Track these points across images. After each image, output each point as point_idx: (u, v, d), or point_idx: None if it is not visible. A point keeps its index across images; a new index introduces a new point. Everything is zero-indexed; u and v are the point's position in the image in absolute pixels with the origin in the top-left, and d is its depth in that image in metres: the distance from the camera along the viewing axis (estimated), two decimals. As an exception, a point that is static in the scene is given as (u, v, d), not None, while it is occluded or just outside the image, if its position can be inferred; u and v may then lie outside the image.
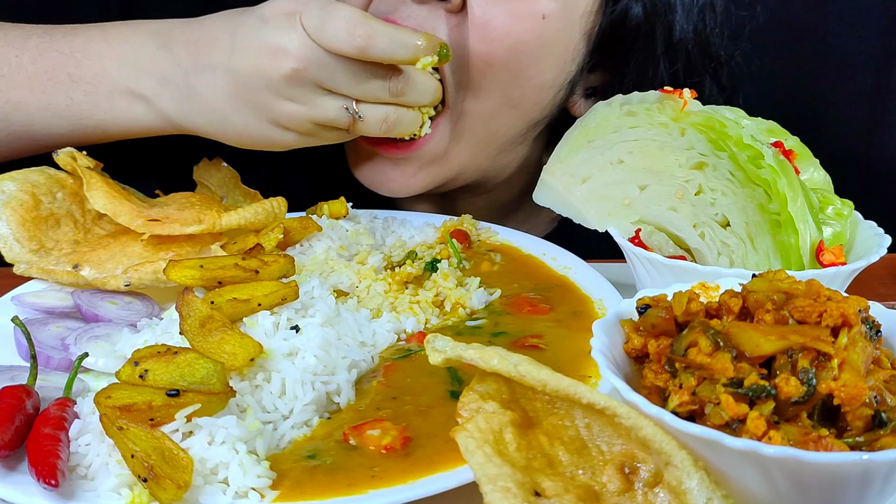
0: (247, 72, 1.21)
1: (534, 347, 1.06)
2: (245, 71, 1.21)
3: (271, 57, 1.19)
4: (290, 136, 1.26)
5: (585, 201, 1.21)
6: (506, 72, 1.32)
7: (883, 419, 0.72)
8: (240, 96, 1.22)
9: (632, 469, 0.75)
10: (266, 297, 1.00)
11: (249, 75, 1.21)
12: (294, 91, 1.20)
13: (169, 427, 0.85)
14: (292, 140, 1.26)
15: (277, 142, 1.27)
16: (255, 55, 1.20)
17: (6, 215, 1.19)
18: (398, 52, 1.21)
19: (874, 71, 1.80)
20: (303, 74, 1.19)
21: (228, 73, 1.22)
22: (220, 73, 1.22)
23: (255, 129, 1.25)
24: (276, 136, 1.26)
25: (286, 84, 1.20)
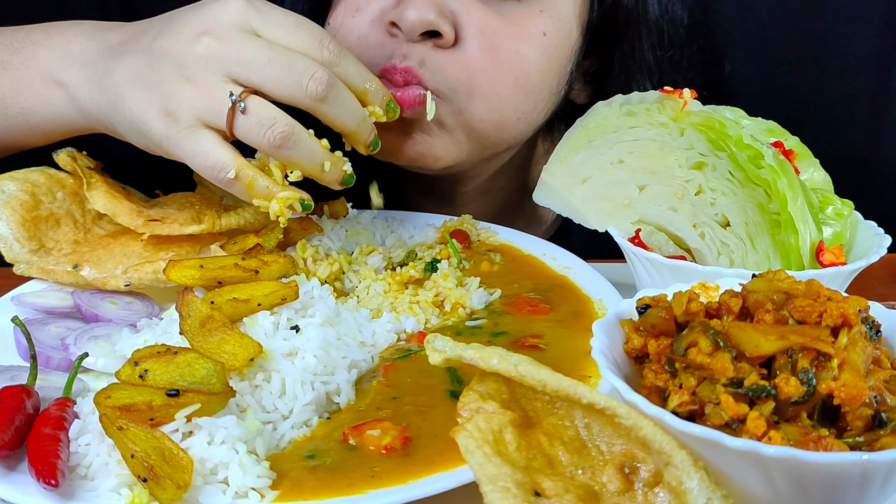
0: (161, 50, 1.10)
1: (534, 347, 1.06)
2: (160, 49, 1.10)
3: (191, 35, 1.09)
4: (163, 127, 1.08)
5: (585, 201, 1.21)
6: (518, 90, 1.34)
7: (883, 419, 0.72)
8: (143, 75, 1.10)
9: (632, 469, 0.75)
10: (266, 297, 1.00)
11: (162, 52, 1.10)
12: (198, 72, 1.07)
13: (169, 427, 0.85)
14: (162, 132, 1.08)
15: (151, 132, 1.09)
16: (178, 34, 1.10)
17: (6, 215, 1.19)
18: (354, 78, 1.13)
19: (874, 71, 1.80)
20: (214, 53, 1.07)
21: (145, 54, 1.11)
22: (138, 55, 1.12)
23: (139, 112, 1.10)
24: (151, 124, 1.09)
25: (194, 61, 1.07)
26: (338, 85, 1.10)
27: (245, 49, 1.07)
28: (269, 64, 1.06)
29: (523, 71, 1.33)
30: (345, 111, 1.11)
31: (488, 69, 1.30)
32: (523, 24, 1.32)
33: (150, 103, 1.09)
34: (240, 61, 1.07)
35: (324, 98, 1.08)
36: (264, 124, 1.06)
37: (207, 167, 1.07)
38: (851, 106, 1.83)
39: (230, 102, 1.05)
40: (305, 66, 1.07)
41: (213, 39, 1.08)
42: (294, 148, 1.08)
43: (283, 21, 1.10)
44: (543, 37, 1.34)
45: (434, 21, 1.25)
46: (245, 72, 1.07)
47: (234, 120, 1.06)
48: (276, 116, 1.07)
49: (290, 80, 1.06)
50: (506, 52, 1.31)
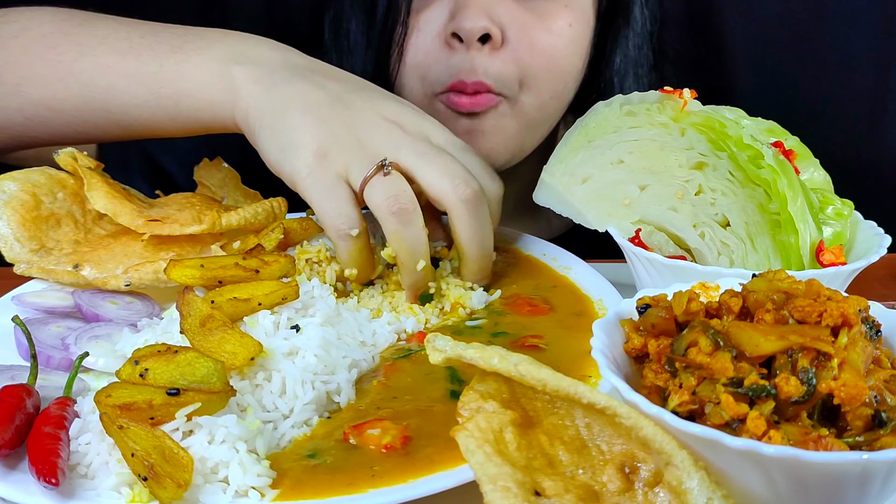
0: (350, 103, 1.17)
1: (534, 347, 1.06)
2: (349, 102, 1.17)
3: (387, 117, 1.17)
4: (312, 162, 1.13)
5: (585, 201, 1.21)
6: (552, 75, 1.51)
7: (883, 419, 0.72)
8: (318, 108, 1.16)
9: (632, 469, 0.75)
10: (266, 297, 1.00)
11: (349, 105, 1.17)
12: (374, 140, 1.14)
13: (169, 426, 0.85)
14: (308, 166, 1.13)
15: (297, 160, 1.14)
16: (374, 105, 1.18)
17: (7, 215, 1.19)
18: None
19: (874, 71, 1.80)
20: (399, 140, 1.14)
21: (330, 95, 1.18)
22: (324, 90, 1.18)
23: (297, 134, 1.15)
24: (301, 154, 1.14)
25: (377, 132, 1.15)
26: (486, 203, 1.17)
27: (424, 146, 1.15)
28: (435, 156, 1.14)
29: (555, 60, 1.51)
30: (479, 230, 1.16)
31: (530, 62, 1.48)
32: (552, 20, 1.49)
33: (312, 135, 1.14)
34: (412, 150, 1.14)
35: (467, 203, 1.14)
36: (393, 193, 1.11)
37: (336, 216, 1.12)
38: (851, 106, 1.83)
39: (378, 164, 1.12)
40: (466, 173, 1.15)
41: (400, 130, 1.16)
42: (406, 226, 1.12)
43: (461, 144, 1.21)
44: (569, 28, 1.51)
45: (487, 26, 1.42)
46: (412, 160, 1.14)
47: (371, 178, 1.12)
48: (407, 192, 1.12)
49: (447, 177, 1.13)
50: (541, 46, 1.48)
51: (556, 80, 1.54)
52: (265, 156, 1.19)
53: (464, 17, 1.43)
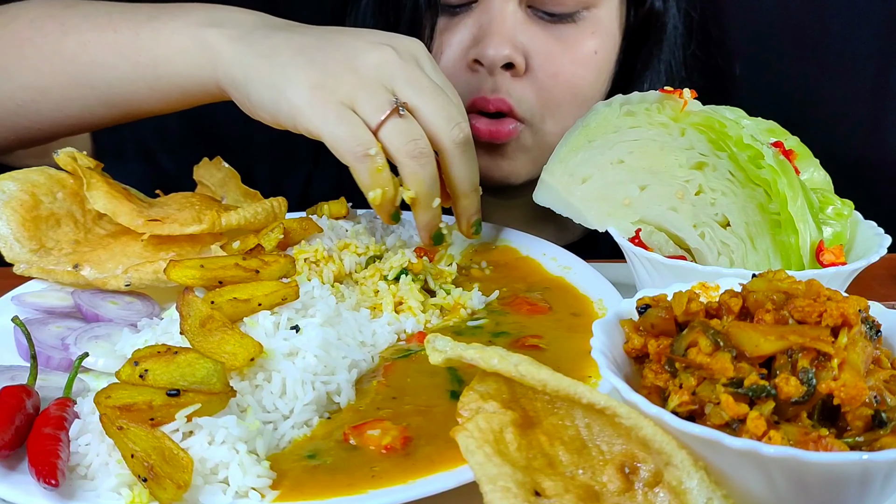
0: (337, 41, 1.16)
1: (534, 347, 1.06)
2: (336, 40, 1.16)
3: (377, 43, 1.16)
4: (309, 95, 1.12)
5: (585, 201, 1.21)
6: (576, 103, 1.50)
7: (883, 419, 0.72)
8: (308, 50, 1.15)
9: (632, 469, 0.75)
10: (266, 297, 1.00)
11: (337, 44, 1.16)
12: (368, 69, 1.14)
13: (169, 427, 0.85)
14: (306, 97, 1.12)
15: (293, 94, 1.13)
16: (360, 37, 1.17)
17: (6, 215, 1.19)
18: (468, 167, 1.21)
19: (874, 71, 1.80)
20: (394, 64, 1.14)
21: (316, 37, 1.17)
22: (308, 35, 1.18)
23: (288, 72, 1.13)
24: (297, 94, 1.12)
25: (370, 60, 1.14)
26: (472, 146, 1.21)
27: (419, 76, 1.16)
28: (433, 96, 1.15)
29: (580, 88, 1.51)
30: (469, 168, 1.21)
31: (552, 90, 1.48)
32: (577, 47, 1.48)
33: (304, 72, 1.13)
34: (409, 81, 1.14)
35: (459, 145, 1.18)
36: (413, 136, 1.14)
37: (350, 138, 1.12)
38: (851, 106, 1.83)
39: (394, 104, 1.13)
40: (459, 115, 1.18)
41: (394, 53, 1.15)
42: (424, 167, 1.15)
43: (443, 78, 1.21)
44: (594, 55, 1.50)
45: (510, 55, 1.42)
46: (409, 91, 1.15)
47: (387, 119, 1.13)
48: (423, 136, 1.15)
49: (443, 117, 1.16)
50: (565, 75, 1.48)
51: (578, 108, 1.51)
52: (257, 106, 1.17)
53: (487, 45, 1.43)
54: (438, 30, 1.49)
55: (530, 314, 1.14)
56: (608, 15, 1.51)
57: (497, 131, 1.47)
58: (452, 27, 1.49)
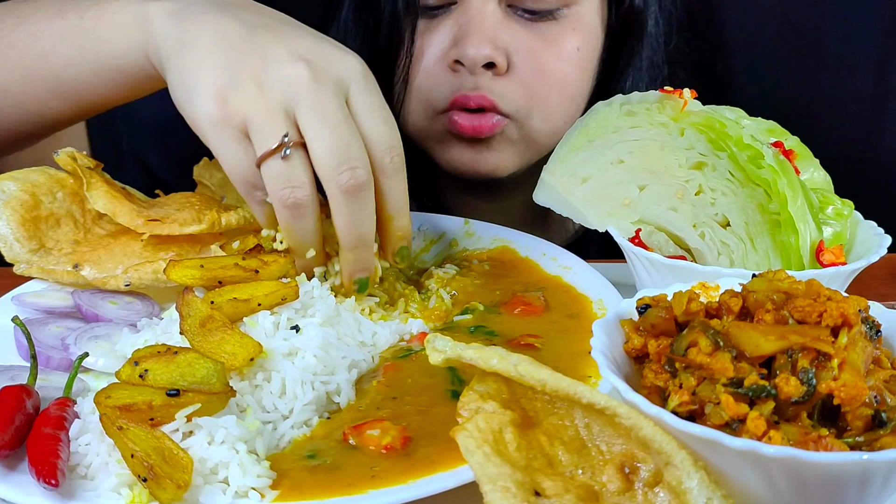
0: (262, 40, 1.06)
1: (529, 346, 1.05)
2: (262, 39, 1.06)
3: (298, 54, 1.05)
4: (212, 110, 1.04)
5: (585, 201, 1.21)
6: (562, 99, 1.51)
7: (883, 419, 0.72)
8: (228, 43, 1.06)
9: (632, 469, 0.75)
10: (266, 297, 1.00)
11: (260, 44, 1.05)
12: (273, 84, 1.03)
13: (169, 427, 0.85)
14: (208, 113, 1.04)
15: (198, 105, 1.05)
16: (287, 41, 1.06)
17: (6, 215, 1.19)
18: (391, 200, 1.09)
19: (874, 71, 1.80)
20: (301, 84, 1.03)
21: (247, 29, 1.07)
22: (240, 25, 1.08)
23: (199, 74, 1.06)
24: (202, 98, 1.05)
25: (280, 75, 1.03)
26: (367, 194, 1.05)
27: (325, 102, 1.03)
28: (331, 129, 1.02)
29: (565, 84, 1.50)
30: (354, 221, 1.06)
31: (538, 88, 1.48)
32: (560, 44, 1.48)
33: (215, 76, 1.05)
34: (312, 107, 1.03)
35: (346, 192, 1.04)
36: (291, 182, 1.03)
37: (238, 170, 1.06)
38: (851, 106, 1.83)
39: (279, 141, 1.02)
40: (357, 156, 1.04)
41: (308, 72, 1.03)
42: (298, 219, 1.06)
43: (375, 107, 1.07)
44: (577, 52, 1.50)
45: (491, 54, 1.42)
46: (308, 119, 1.03)
47: (268, 157, 1.03)
48: (305, 184, 1.04)
49: (336, 156, 1.03)
50: (549, 71, 1.48)
51: (567, 104, 1.53)
52: (172, 95, 1.11)
53: (466, 45, 1.43)
54: (419, 32, 1.49)
55: (525, 315, 1.14)
56: (588, 12, 1.51)
57: (480, 126, 1.47)
58: (432, 28, 1.49)
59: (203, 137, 1.08)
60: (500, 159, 1.53)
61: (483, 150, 1.52)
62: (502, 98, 1.46)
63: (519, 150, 1.54)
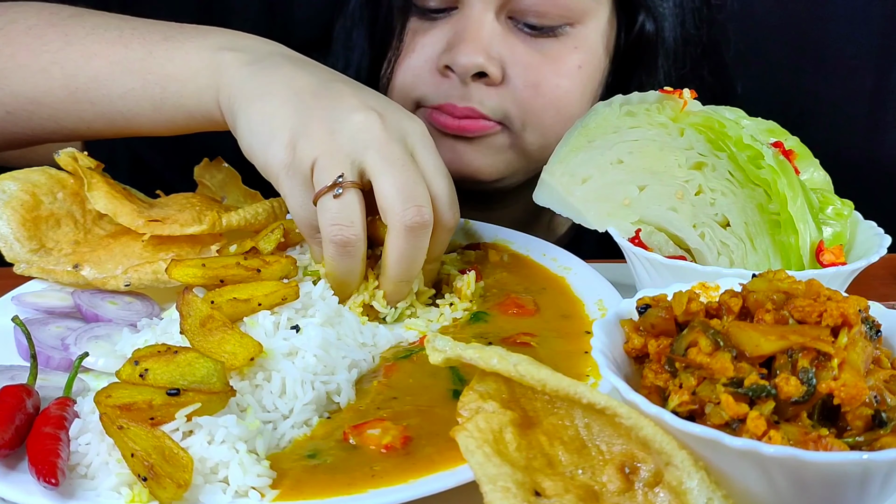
0: (335, 92, 1.10)
1: (525, 345, 1.05)
2: (334, 91, 1.10)
3: (369, 107, 1.09)
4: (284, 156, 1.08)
5: (585, 201, 1.21)
6: (558, 118, 1.46)
7: (883, 419, 0.72)
8: (301, 95, 1.10)
9: (632, 469, 0.75)
10: (266, 297, 1.00)
11: (333, 95, 1.10)
12: (343, 131, 1.07)
13: (169, 426, 0.85)
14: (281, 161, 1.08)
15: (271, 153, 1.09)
16: (359, 94, 1.11)
17: (7, 215, 1.19)
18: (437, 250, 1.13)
19: (874, 71, 1.80)
20: (373, 134, 1.06)
21: (320, 83, 1.11)
22: (314, 77, 1.12)
23: (272, 123, 1.09)
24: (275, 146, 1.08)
25: (351, 123, 1.07)
26: (427, 233, 1.08)
27: (395, 149, 1.06)
28: (401, 171, 1.05)
29: (563, 101, 1.47)
30: (408, 256, 1.08)
31: (533, 102, 1.45)
32: (560, 60, 1.46)
33: (288, 125, 1.08)
34: (381, 151, 1.06)
35: (410, 229, 1.05)
36: (342, 221, 1.05)
37: (304, 220, 1.09)
38: (851, 106, 1.83)
39: (338, 178, 1.04)
40: (424, 198, 1.06)
41: (379, 121, 1.07)
42: (343, 257, 1.07)
43: (439, 166, 1.11)
44: (579, 69, 1.47)
45: (483, 64, 1.39)
46: (377, 161, 1.05)
47: (323, 195, 1.05)
48: (356, 223, 1.06)
49: (403, 194, 1.05)
50: (547, 87, 1.45)
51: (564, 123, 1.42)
52: (241, 141, 1.14)
53: (459, 52, 1.40)
54: (410, 30, 1.46)
55: (517, 316, 1.14)
56: (594, 32, 1.48)
57: (465, 126, 1.44)
58: (427, 30, 1.46)
59: (275, 183, 1.11)
60: (484, 162, 1.49)
61: (468, 150, 1.48)
62: (493, 110, 1.44)
63: (506, 159, 1.51)
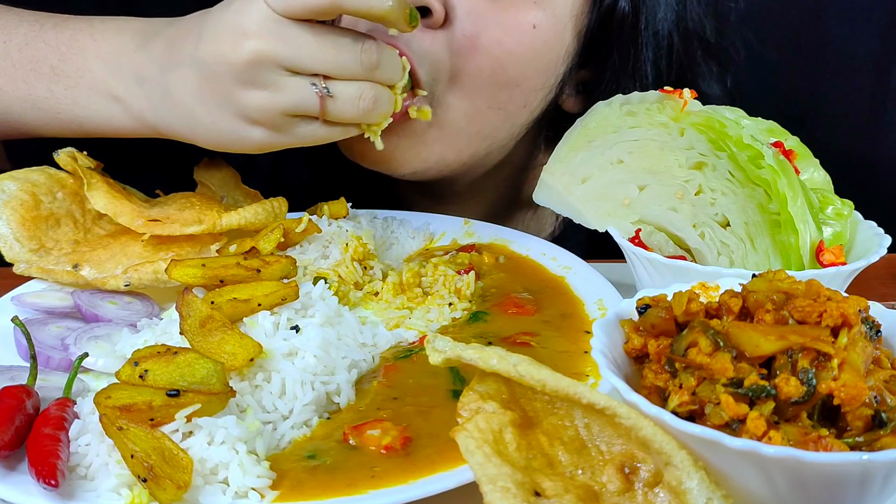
0: (210, 60, 1.11)
1: (525, 345, 1.05)
2: (209, 59, 1.11)
3: (232, 40, 1.09)
4: (259, 133, 1.13)
5: (585, 201, 1.21)
6: (494, 80, 1.31)
7: (883, 419, 0.72)
8: (206, 89, 1.13)
9: (632, 469, 0.75)
10: (266, 297, 1.00)
11: (213, 63, 1.11)
12: (258, 75, 1.09)
13: (169, 427, 0.85)
14: (260, 137, 1.14)
15: (246, 140, 1.15)
16: (218, 41, 1.11)
17: (6, 215, 1.19)
18: (372, 4, 1.09)
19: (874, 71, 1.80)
20: (265, 54, 1.08)
21: (195, 66, 1.12)
22: (189, 67, 1.13)
23: (224, 125, 1.14)
24: (244, 133, 1.14)
25: (249, 68, 1.08)
26: (383, 48, 1.14)
27: (290, 42, 1.09)
28: (319, 49, 1.09)
29: (500, 61, 1.30)
30: (392, 70, 1.16)
31: (469, 56, 1.28)
32: (513, 14, 1.29)
33: (230, 116, 1.13)
34: (291, 56, 1.09)
35: (377, 65, 1.12)
36: (352, 100, 1.12)
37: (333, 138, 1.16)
38: (851, 106, 1.83)
39: (316, 94, 1.10)
40: (352, 39, 1.11)
41: (255, 40, 1.09)
42: (381, 106, 1.15)
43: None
44: (532, 29, 1.30)
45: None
46: (300, 61, 1.09)
47: (325, 107, 1.11)
48: (362, 88, 1.13)
49: (346, 58, 1.10)
50: (486, 40, 1.28)
51: (498, 89, 1.32)
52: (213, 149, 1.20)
53: None
54: None
55: (517, 316, 1.14)
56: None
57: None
58: None
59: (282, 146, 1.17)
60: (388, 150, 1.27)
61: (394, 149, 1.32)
62: (422, 59, 1.26)
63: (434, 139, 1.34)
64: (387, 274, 1.22)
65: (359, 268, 1.20)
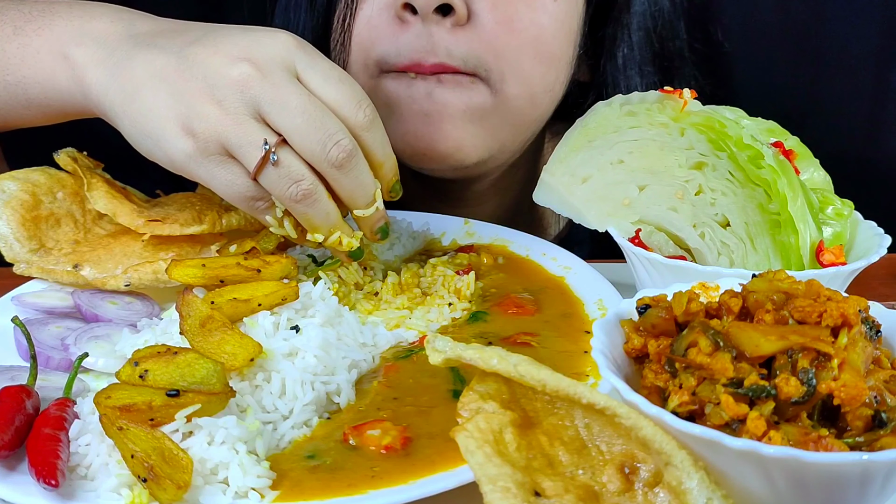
0: (196, 60, 1.04)
1: (525, 345, 1.06)
2: (194, 58, 1.04)
3: (232, 56, 1.03)
4: (182, 145, 1.03)
5: (585, 201, 1.21)
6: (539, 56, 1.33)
7: (883, 419, 0.72)
8: (169, 77, 1.04)
9: (632, 469, 0.75)
10: (266, 298, 1.00)
11: (196, 63, 1.04)
12: (229, 96, 1.02)
13: (169, 427, 0.85)
14: (181, 150, 1.04)
15: (166, 145, 1.05)
16: (217, 50, 1.04)
17: (6, 215, 1.19)
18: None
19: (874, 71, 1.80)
20: (251, 84, 1.02)
21: (175, 56, 1.05)
22: (166, 54, 1.06)
23: (159, 117, 1.04)
24: (170, 136, 1.04)
25: (227, 84, 1.02)
26: (359, 157, 1.06)
27: (282, 91, 1.03)
28: (301, 115, 1.02)
29: (541, 40, 1.32)
30: (357, 185, 1.08)
31: (507, 43, 1.29)
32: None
33: (172, 114, 1.04)
34: (274, 102, 1.02)
35: (341, 166, 1.05)
36: (292, 179, 1.03)
37: (235, 192, 1.06)
38: (851, 106, 1.83)
39: (263, 151, 1.02)
40: (335, 128, 1.04)
41: (253, 69, 1.03)
42: (312, 206, 1.06)
43: (328, 72, 1.06)
44: (554, 2, 1.33)
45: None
46: (276, 114, 1.02)
47: (263, 168, 1.03)
48: (304, 174, 1.04)
49: (316, 138, 1.03)
50: (521, 23, 1.29)
51: (546, 67, 1.33)
52: (135, 146, 1.10)
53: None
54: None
55: (517, 316, 1.14)
56: None
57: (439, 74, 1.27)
58: None
59: (187, 174, 1.07)
60: (463, 136, 1.32)
61: (444, 123, 1.32)
62: (465, 59, 1.27)
63: (490, 126, 1.35)
64: (387, 274, 1.22)
65: (359, 268, 1.20)
